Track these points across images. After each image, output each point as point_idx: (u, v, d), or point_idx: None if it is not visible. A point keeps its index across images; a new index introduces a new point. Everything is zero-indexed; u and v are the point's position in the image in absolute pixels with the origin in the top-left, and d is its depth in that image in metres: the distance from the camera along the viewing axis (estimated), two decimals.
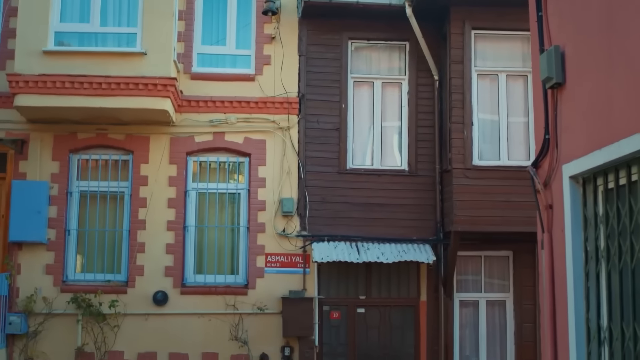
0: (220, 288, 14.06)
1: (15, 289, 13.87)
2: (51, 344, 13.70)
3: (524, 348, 14.32)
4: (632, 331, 5.99)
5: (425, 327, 14.39)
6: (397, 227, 14.41)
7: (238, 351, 13.82)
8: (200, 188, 14.49)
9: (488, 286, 14.82)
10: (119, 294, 13.90)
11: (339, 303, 14.41)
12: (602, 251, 6.58)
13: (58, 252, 14.04)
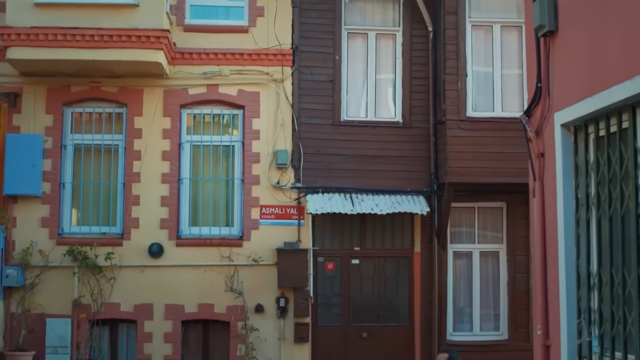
0: (215, 240, 14.13)
1: (11, 242, 13.93)
2: (48, 296, 13.79)
3: (517, 298, 14.44)
4: (621, 277, 6.07)
5: (419, 277, 14.50)
6: (391, 179, 14.46)
7: (234, 302, 13.93)
8: (194, 141, 14.49)
9: (482, 237, 14.92)
10: (115, 246, 13.96)
11: (333, 254, 14.51)
12: (593, 198, 6.64)
13: (53, 205, 14.08)
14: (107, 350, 14.15)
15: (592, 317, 6.54)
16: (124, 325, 14.19)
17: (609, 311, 6.21)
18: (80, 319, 13.78)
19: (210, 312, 14.00)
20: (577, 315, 6.74)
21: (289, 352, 13.96)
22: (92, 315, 13.76)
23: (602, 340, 6.38)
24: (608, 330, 6.25)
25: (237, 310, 13.92)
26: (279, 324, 13.97)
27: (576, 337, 6.73)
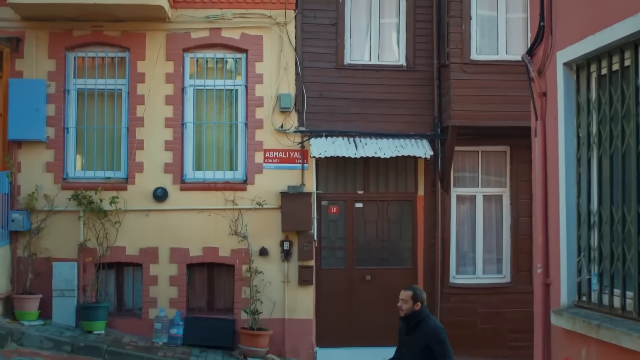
0: (219, 184, 14.19)
1: (17, 186, 14.00)
2: (54, 240, 13.90)
3: (519, 241, 14.52)
4: (620, 214, 6.10)
5: (423, 221, 14.57)
6: (394, 123, 14.46)
7: (238, 246, 14.04)
8: (197, 85, 14.46)
9: (485, 181, 14.96)
10: (119, 190, 14.03)
11: (337, 198, 14.57)
12: (594, 137, 6.64)
13: (57, 150, 14.12)
14: (113, 293, 14.32)
15: (591, 255, 6.59)
16: (129, 269, 14.33)
17: (609, 249, 6.26)
18: (86, 262, 13.90)
19: (215, 255, 14.12)
20: (577, 254, 6.79)
21: (293, 295, 14.10)
22: (97, 259, 13.88)
23: (602, 278, 6.44)
24: (607, 268, 6.31)
25: (241, 254, 14.03)
26: (283, 267, 14.09)
27: (576, 275, 6.79)
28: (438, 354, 7.79)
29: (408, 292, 8.06)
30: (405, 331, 7.98)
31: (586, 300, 6.61)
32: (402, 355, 8.06)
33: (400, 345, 8.08)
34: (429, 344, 7.78)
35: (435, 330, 7.89)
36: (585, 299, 6.64)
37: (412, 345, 7.91)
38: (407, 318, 7.96)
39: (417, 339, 7.89)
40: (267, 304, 13.81)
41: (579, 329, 6.33)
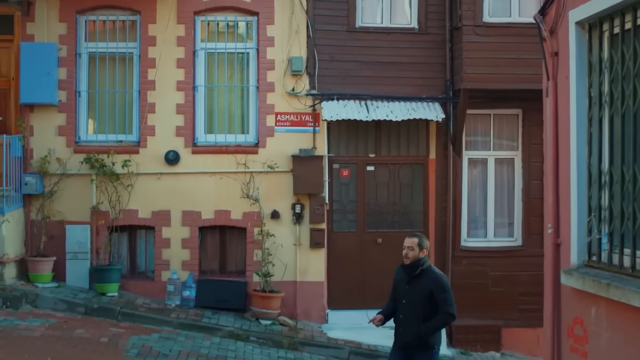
0: (231, 147, 14.21)
1: (29, 150, 14.07)
2: (67, 203, 13.99)
3: (531, 205, 14.50)
4: (631, 174, 6.09)
5: (434, 184, 14.58)
6: (406, 86, 14.42)
7: (250, 209, 14.09)
8: (209, 48, 14.43)
9: (497, 145, 14.92)
10: (131, 154, 14.07)
11: (348, 161, 14.58)
12: (606, 96, 6.61)
13: (69, 114, 14.16)
14: (126, 256, 14.44)
15: (602, 214, 6.59)
16: (142, 232, 14.43)
17: (619, 208, 6.25)
18: (99, 225, 14.00)
19: (227, 218, 14.19)
20: (588, 213, 6.79)
21: (304, 258, 14.17)
22: (110, 222, 13.97)
23: (612, 238, 6.44)
24: (617, 228, 6.31)
25: (253, 217, 14.09)
26: (294, 230, 14.15)
27: (586, 235, 6.80)
28: (442, 302, 7.85)
29: (414, 240, 8.11)
30: (407, 280, 8.01)
31: (596, 260, 6.62)
32: (402, 306, 8.04)
33: (400, 296, 8.08)
34: (433, 292, 7.84)
35: (440, 278, 8.00)
36: (595, 258, 6.65)
37: (415, 294, 7.94)
38: (412, 266, 7.99)
39: (420, 287, 7.93)
40: (278, 267, 13.89)
41: (589, 288, 6.35)
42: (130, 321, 12.78)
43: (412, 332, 7.92)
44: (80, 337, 11.48)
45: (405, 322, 8.01)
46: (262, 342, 12.76)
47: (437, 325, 7.93)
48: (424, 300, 7.88)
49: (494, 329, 14.36)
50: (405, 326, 8.01)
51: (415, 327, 7.88)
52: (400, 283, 8.13)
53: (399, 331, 8.11)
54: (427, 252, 8.08)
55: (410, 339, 7.96)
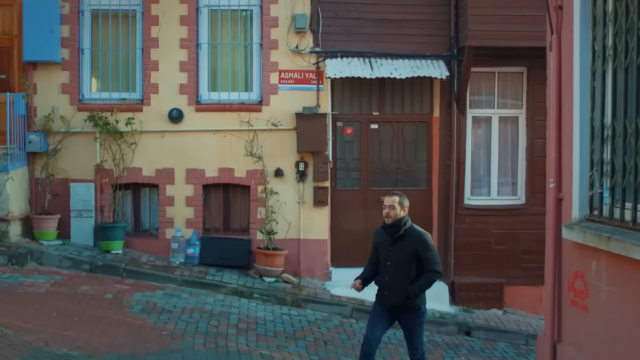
0: (235, 105, 14.18)
1: (33, 108, 14.07)
2: (71, 161, 14.02)
3: (535, 163, 14.47)
4: (634, 127, 6.08)
5: (438, 142, 14.55)
6: (410, 43, 14.33)
7: (253, 166, 14.10)
8: (212, 5, 14.33)
9: (501, 104, 14.87)
10: (135, 112, 14.06)
11: (352, 119, 14.55)
12: (609, 49, 6.57)
13: (73, 72, 14.14)
14: (130, 214, 14.50)
15: (604, 169, 6.59)
16: (146, 190, 14.47)
17: (621, 162, 6.24)
18: (103, 183, 14.04)
19: (231, 176, 14.21)
20: (590, 168, 6.79)
21: (308, 216, 14.20)
22: (114, 180, 14.01)
23: (613, 192, 6.44)
24: (619, 182, 6.30)
25: (256, 175, 14.11)
26: (298, 188, 14.17)
27: (588, 189, 6.80)
28: (428, 261, 7.76)
29: (394, 198, 7.94)
30: (391, 242, 7.87)
31: (597, 214, 6.63)
32: (386, 268, 7.92)
33: (383, 258, 7.95)
34: (419, 252, 7.75)
35: (424, 236, 7.86)
36: (596, 213, 6.66)
37: (400, 255, 7.82)
38: (394, 226, 7.84)
39: (404, 247, 7.81)
40: (282, 225, 13.94)
41: (590, 242, 6.36)
42: (135, 278, 12.87)
43: (399, 293, 7.83)
44: (85, 294, 11.58)
45: (391, 284, 7.89)
46: (265, 299, 12.85)
47: (425, 284, 7.81)
48: (410, 261, 7.78)
49: (496, 286, 14.42)
50: (391, 288, 7.89)
51: (403, 288, 7.79)
52: (383, 245, 7.99)
53: (384, 294, 8.00)
54: (407, 211, 7.96)
55: (397, 301, 7.87)
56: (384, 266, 7.94)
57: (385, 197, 8.04)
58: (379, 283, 8.08)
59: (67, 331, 9.45)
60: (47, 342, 8.78)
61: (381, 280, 8.02)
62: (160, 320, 10.71)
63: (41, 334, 9.07)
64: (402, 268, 7.80)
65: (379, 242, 8.07)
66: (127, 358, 8.53)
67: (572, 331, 6.90)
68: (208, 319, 11.16)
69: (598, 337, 6.31)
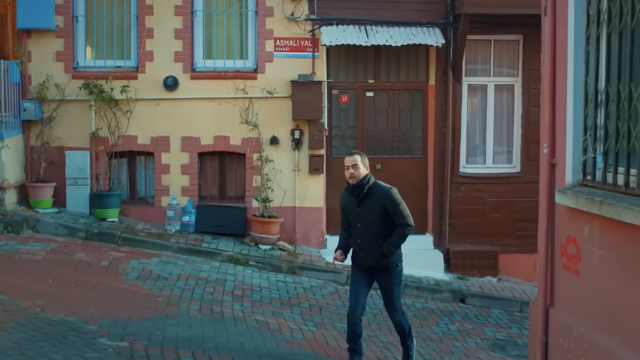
0: (230, 73, 14.14)
1: (27, 76, 14.03)
2: (66, 129, 14.00)
3: (530, 131, 14.47)
4: (627, 91, 6.07)
5: (434, 110, 14.54)
6: (406, 11, 14.27)
7: (249, 134, 14.10)
8: None
9: (497, 72, 14.84)
10: (130, 79, 14.02)
11: (348, 87, 14.52)
12: (604, 13, 6.54)
13: (67, 39, 14.08)
14: (126, 182, 14.52)
15: (597, 133, 6.58)
16: (141, 158, 14.49)
17: (614, 127, 6.24)
18: (99, 151, 14.04)
19: (226, 144, 14.21)
20: (583, 133, 6.79)
21: (303, 183, 14.21)
22: (110, 148, 14.01)
23: (606, 156, 6.45)
24: (612, 146, 6.31)
25: (252, 142, 14.11)
26: (293, 156, 14.17)
27: (581, 154, 6.80)
28: (398, 215, 7.68)
29: (356, 157, 7.82)
30: (357, 203, 7.77)
31: (590, 179, 6.64)
32: (357, 230, 7.83)
33: (353, 221, 7.86)
34: (387, 207, 7.67)
35: (389, 191, 7.77)
36: (589, 177, 6.67)
37: (368, 215, 7.73)
38: (358, 187, 7.74)
39: (372, 205, 7.71)
40: (277, 192, 13.96)
41: (582, 206, 6.38)
42: (131, 246, 12.92)
43: (374, 253, 7.78)
44: (81, 261, 11.62)
45: (365, 245, 7.82)
46: (261, 266, 12.90)
47: (398, 239, 7.74)
48: (380, 219, 7.69)
49: (491, 254, 14.49)
50: (365, 250, 7.83)
51: (377, 248, 7.73)
52: (350, 208, 7.90)
53: (359, 256, 7.94)
54: (369, 169, 7.90)
55: (373, 262, 7.83)
56: (355, 228, 7.86)
57: (346, 158, 7.89)
58: (352, 246, 8.00)
59: (63, 297, 9.49)
60: (43, 307, 8.81)
61: (354, 242, 7.94)
62: (156, 287, 10.76)
63: (37, 300, 9.11)
64: (373, 227, 7.72)
65: (346, 205, 7.97)
66: (122, 323, 8.57)
67: (564, 295, 6.94)
68: (203, 285, 11.22)
69: (589, 301, 6.35)
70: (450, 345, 10.49)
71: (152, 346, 7.74)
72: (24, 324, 7.99)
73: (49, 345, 7.34)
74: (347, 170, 7.78)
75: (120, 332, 8.18)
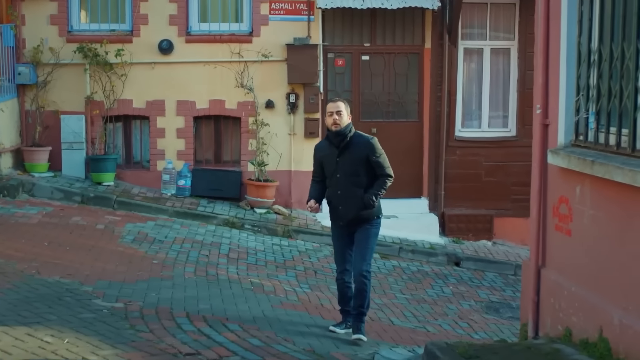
0: (225, 36, 14.09)
1: (21, 39, 13.97)
2: (61, 93, 13.97)
3: (526, 95, 14.42)
4: (620, 51, 6.05)
5: (429, 74, 14.50)
6: None
7: (244, 98, 14.07)
8: None
9: (493, 36, 14.79)
10: (125, 43, 13.97)
11: (343, 50, 14.47)
12: None
13: (61, 2, 14.03)
14: (121, 146, 14.52)
15: (590, 94, 6.58)
16: (137, 122, 14.48)
17: (607, 87, 6.23)
18: (94, 115, 14.02)
19: (221, 108, 14.19)
20: (576, 93, 6.78)
21: (299, 147, 14.22)
22: (105, 112, 14.00)
23: (599, 117, 6.44)
24: (604, 106, 6.30)
25: (247, 106, 14.09)
26: (289, 120, 14.16)
27: (574, 115, 6.80)
28: (379, 165, 7.52)
29: (340, 103, 7.60)
30: (337, 153, 7.53)
31: (583, 140, 6.63)
32: (337, 181, 7.57)
33: (332, 171, 7.60)
34: (369, 156, 7.48)
35: (371, 140, 7.58)
36: (582, 138, 6.66)
37: (350, 165, 7.51)
38: (340, 134, 7.50)
39: (353, 155, 7.50)
40: (273, 156, 13.97)
41: (574, 167, 6.38)
42: (126, 210, 12.94)
43: (355, 205, 7.51)
44: (77, 224, 11.66)
45: (345, 197, 7.55)
46: (256, 229, 12.94)
47: (379, 190, 7.52)
48: (361, 169, 7.49)
49: (486, 218, 14.54)
50: (345, 202, 7.56)
51: (358, 199, 7.48)
52: (329, 158, 7.62)
53: (338, 210, 7.66)
54: (351, 118, 7.72)
55: (353, 214, 7.55)
56: (334, 180, 7.60)
57: (329, 104, 7.68)
58: (331, 199, 7.73)
59: (59, 260, 9.54)
60: (39, 270, 8.86)
61: (333, 195, 7.68)
62: (152, 249, 10.81)
63: (33, 263, 9.15)
64: (353, 178, 7.50)
65: (323, 156, 7.72)
66: (117, 285, 8.61)
67: (555, 255, 6.97)
68: (199, 248, 11.27)
69: (580, 260, 6.38)
70: (444, 307, 10.57)
71: (146, 307, 7.79)
72: (20, 286, 8.04)
73: (44, 306, 7.38)
74: (331, 117, 7.54)
75: (115, 293, 8.23)
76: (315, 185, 7.88)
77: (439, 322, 9.81)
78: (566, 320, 6.52)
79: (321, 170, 7.80)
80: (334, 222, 7.85)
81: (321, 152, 7.80)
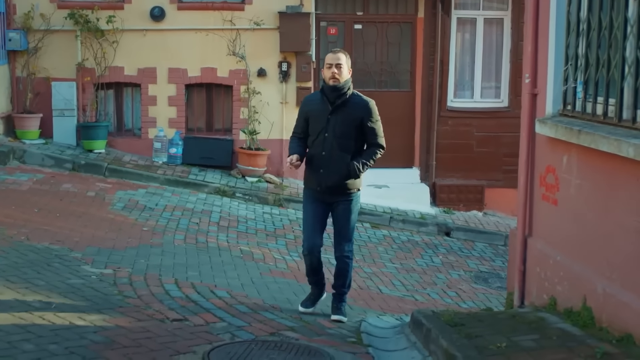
0: (217, 3, 14.02)
1: (12, 5, 13.88)
2: (52, 59, 13.89)
3: (519, 66, 14.36)
4: (608, 20, 6.04)
5: (422, 44, 14.45)
6: None
7: (236, 66, 14.02)
8: None
9: (486, 5, 14.73)
10: (116, 9, 13.89)
11: (336, 19, 14.42)
12: None
13: None
14: (112, 113, 14.47)
15: (578, 63, 6.57)
16: (128, 89, 14.43)
17: (595, 56, 6.23)
18: (85, 82, 13.97)
19: (213, 75, 14.15)
20: (565, 62, 6.77)
21: (291, 115, 14.08)
22: (96, 79, 13.95)
23: (586, 86, 6.45)
24: (592, 76, 6.30)
25: (239, 74, 14.04)
26: (281, 88, 14.13)
27: (562, 84, 6.80)
28: (373, 133, 6.81)
29: (341, 55, 6.80)
30: (330, 110, 6.71)
31: (570, 109, 6.64)
32: (323, 141, 6.74)
33: (319, 129, 6.76)
34: (364, 120, 6.75)
35: (370, 104, 6.86)
36: (570, 107, 6.67)
37: (342, 126, 6.72)
38: (338, 89, 6.71)
39: (348, 115, 6.72)
40: (265, 125, 13.95)
41: (561, 136, 6.39)
42: (117, 177, 12.94)
43: (338, 171, 6.74)
44: (68, 192, 11.66)
45: (329, 159, 6.73)
46: (247, 198, 12.96)
47: (369, 159, 6.80)
48: (353, 132, 6.73)
49: (477, 188, 14.57)
50: (328, 165, 6.74)
51: (343, 165, 6.72)
52: (319, 114, 6.77)
53: (318, 173, 6.80)
54: (351, 72, 6.93)
55: (334, 180, 6.76)
56: (320, 139, 6.76)
57: (328, 55, 6.88)
58: (312, 159, 6.86)
59: (49, 226, 9.55)
60: (28, 236, 8.87)
61: (315, 155, 6.82)
62: (142, 217, 10.83)
63: (22, 229, 9.16)
64: (342, 140, 6.72)
65: (312, 110, 6.86)
66: (107, 252, 8.63)
67: (542, 225, 7.00)
68: (189, 216, 11.28)
69: (566, 230, 6.41)
70: (433, 276, 10.63)
71: (135, 273, 7.82)
72: (9, 251, 8.05)
73: (33, 271, 7.40)
74: (329, 70, 6.72)
75: (104, 260, 8.25)
76: (297, 141, 6.99)
77: (428, 291, 9.87)
78: (551, 289, 6.56)
79: (305, 126, 6.94)
80: (309, 188, 7.04)
81: (310, 106, 6.93)
